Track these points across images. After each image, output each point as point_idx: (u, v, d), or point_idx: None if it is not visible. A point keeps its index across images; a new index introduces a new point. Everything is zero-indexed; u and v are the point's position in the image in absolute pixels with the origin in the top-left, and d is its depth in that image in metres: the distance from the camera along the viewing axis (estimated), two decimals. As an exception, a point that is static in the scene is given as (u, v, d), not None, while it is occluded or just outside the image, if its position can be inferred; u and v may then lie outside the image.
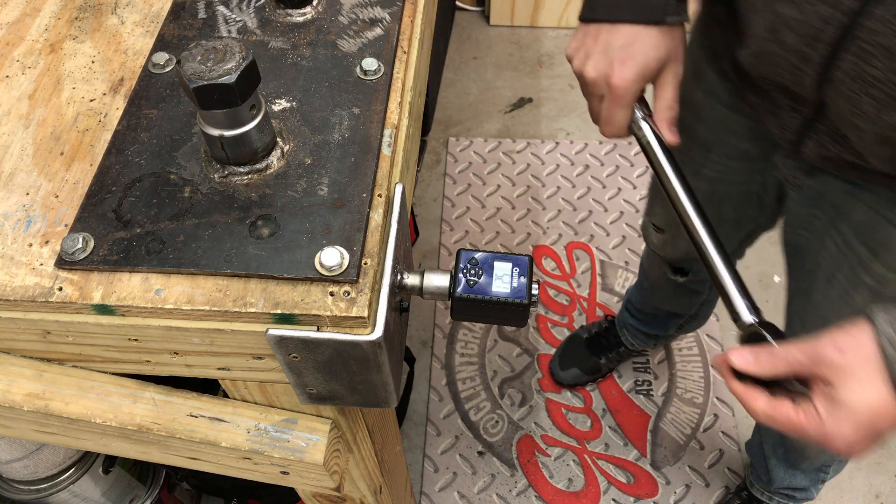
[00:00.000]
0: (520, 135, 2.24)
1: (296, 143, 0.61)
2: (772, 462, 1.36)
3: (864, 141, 0.69)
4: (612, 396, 1.72)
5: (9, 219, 0.57)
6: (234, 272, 0.53)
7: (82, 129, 0.64)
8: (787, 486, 1.38)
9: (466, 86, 2.39)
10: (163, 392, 0.63)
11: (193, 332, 0.54)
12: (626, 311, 1.61)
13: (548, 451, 1.64)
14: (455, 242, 1.98)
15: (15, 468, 0.97)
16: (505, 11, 2.53)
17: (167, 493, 1.29)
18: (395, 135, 0.63)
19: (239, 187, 0.58)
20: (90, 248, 0.54)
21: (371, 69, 0.66)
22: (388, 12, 0.71)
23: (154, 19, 0.73)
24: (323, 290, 0.53)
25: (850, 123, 0.68)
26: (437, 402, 1.71)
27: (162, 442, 0.64)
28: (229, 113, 0.53)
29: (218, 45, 0.52)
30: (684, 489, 1.59)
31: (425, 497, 1.58)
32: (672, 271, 1.29)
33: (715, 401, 1.70)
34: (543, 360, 1.77)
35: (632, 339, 1.63)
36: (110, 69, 0.68)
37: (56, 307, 0.53)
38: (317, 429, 0.65)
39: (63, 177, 0.60)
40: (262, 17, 0.71)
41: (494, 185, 2.10)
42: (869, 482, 1.60)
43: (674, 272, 1.29)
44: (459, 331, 1.82)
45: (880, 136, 0.67)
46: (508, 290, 0.58)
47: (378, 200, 0.58)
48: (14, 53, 0.70)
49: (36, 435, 0.66)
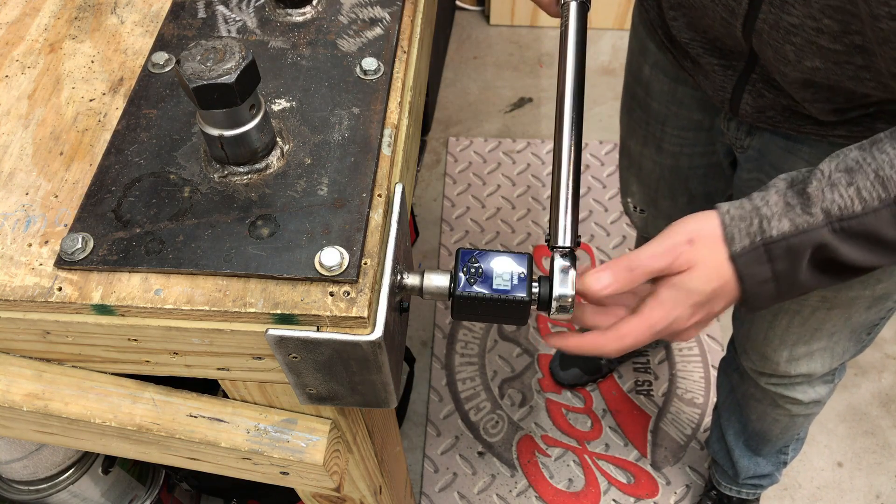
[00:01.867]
0: (520, 135, 2.24)
1: (296, 142, 0.61)
2: (735, 453, 1.36)
3: (792, 86, 0.71)
4: (613, 397, 1.72)
5: (8, 219, 0.57)
6: (233, 272, 0.53)
7: (82, 128, 0.64)
8: (753, 474, 1.39)
9: (466, 85, 2.39)
10: (162, 392, 0.63)
11: (193, 332, 0.54)
12: (626, 311, 1.61)
13: (548, 452, 1.64)
14: (455, 242, 1.98)
15: (15, 468, 0.97)
16: (505, 11, 2.53)
17: (167, 493, 1.29)
18: (395, 135, 0.63)
19: (239, 187, 0.58)
20: (90, 248, 0.54)
21: (371, 69, 0.66)
22: (387, 12, 0.71)
23: (154, 19, 0.73)
24: (323, 291, 0.53)
25: (777, 70, 0.70)
26: (437, 402, 1.71)
27: (161, 442, 0.64)
28: (229, 113, 0.53)
29: (218, 44, 0.51)
30: (684, 489, 1.59)
31: (425, 497, 1.58)
32: None
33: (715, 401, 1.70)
34: (543, 360, 1.77)
35: None
36: (110, 69, 0.68)
37: (55, 307, 0.53)
38: (317, 429, 0.65)
39: (62, 177, 0.60)
40: (262, 16, 0.71)
41: (494, 185, 2.10)
42: (869, 482, 1.60)
43: None
44: (459, 331, 1.82)
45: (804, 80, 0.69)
46: (509, 288, 0.58)
47: (378, 200, 0.58)
48: (13, 53, 0.70)
49: (35, 435, 0.66)
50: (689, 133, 0.99)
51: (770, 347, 1.02)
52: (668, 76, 0.94)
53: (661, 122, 1.01)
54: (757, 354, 1.06)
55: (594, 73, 2.42)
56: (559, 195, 0.62)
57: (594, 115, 2.29)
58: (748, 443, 1.33)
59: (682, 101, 0.95)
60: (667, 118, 0.99)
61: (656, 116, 1.01)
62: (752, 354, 1.07)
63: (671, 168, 1.07)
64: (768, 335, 1.00)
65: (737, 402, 1.28)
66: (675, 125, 0.99)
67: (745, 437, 1.32)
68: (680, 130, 1.00)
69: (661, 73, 0.94)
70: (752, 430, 1.28)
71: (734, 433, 1.34)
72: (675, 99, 0.96)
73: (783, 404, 1.14)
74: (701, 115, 0.95)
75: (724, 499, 1.49)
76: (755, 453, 1.34)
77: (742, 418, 1.29)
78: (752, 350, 1.06)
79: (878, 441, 1.66)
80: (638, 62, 0.99)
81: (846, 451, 1.64)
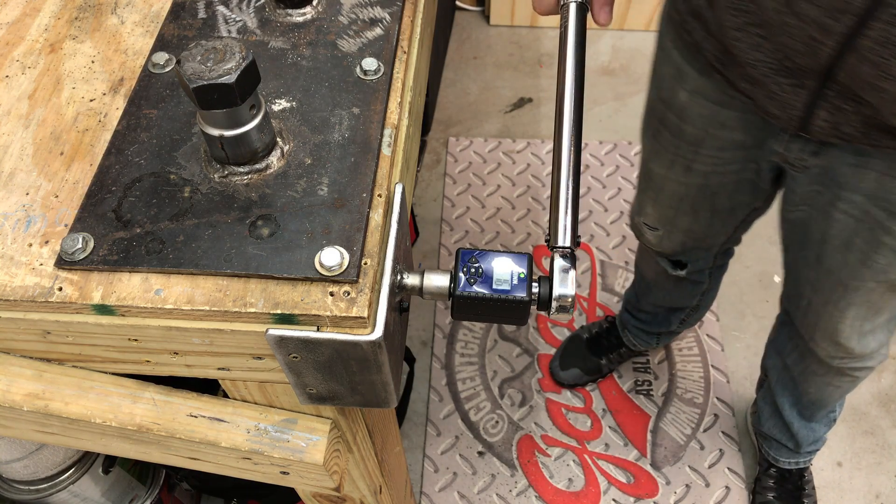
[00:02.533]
0: (520, 135, 2.24)
1: (296, 143, 0.61)
2: (795, 426, 1.40)
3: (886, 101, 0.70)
4: (613, 396, 1.72)
5: (9, 219, 0.57)
6: (233, 272, 0.53)
7: (82, 129, 0.64)
8: (812, 440, 1.43)
9: (466, 86, 2.39)
10: (163, 392, 0.63)
11: (193, 332, 0.54)
12: (627, 312, 1.61)
13: (548, 451, 1.64)
14: (455, 242, 1.98)
15: (15, 468, 0.97)
16: (505, 11, 2.53)
17: (167, 493, 1.29)
18: (395, 135, 0.63)
19: (239, 187, 0.58)
20: (90, 248, 0.54)
21: (371, 69, 0.66)
22: (388, 12, 0.71)
23: (154, 19, 0.73)
24: (323, 290, 0.53)
25: (872, 87, 0.69)
26: (437, 402, 1.71)
27: (162, 442, 0.64)
28: (229, 113, 0.53)
29: (218, 44, 0.52)
30: (684, 489, 1.59)
31: (425, 497, 1.58)
32: (672, 266, 1.30)
33: (715, 401, 1.70)
34: (543, 360, 1.77)
35: (634, 339, 1.63)
36: (110, 69, 0.68)
37: (56, 307, 0.53)
38: (317, 429, 0.65)
39: (63, 177, 0.60)
40: (262, 17, 0.71)
41: (494, 185, 2.10)
42: (869, 482, 1.60)
43: (673, 267, 1.30)
44: (459, 331, 1.82)
45: None
46: (509, 288, 0.58)
47: (378, 200, 0.58)
48: (14, 53, 0.70)
49: (36, 435, 0.66)
50: (727, 153, 0.97)
51: (843, 337, 1.05)
52: (710, 100, 0.91)
53: (696, 145, 0.98)
54: (829, 343, 1.09)
55: (594, 73, 2.42)
56: (559, 195, 0.62)
57: (594, 115, 2.30)
58: (802, 413, 1.36)
59: (725, 123, 0.92)
60: (702, 141, 0.97)
61: (690, 140, 0.98)
62: (824, 343, 1.10)
63: (699, 187, 1.05)
64: (840, 328, 1.03)
65: (791, 378, 1.31)
66: (711, 146, 0.97)
67: (798, 407, 1.36)
68: (716, 151, 0.97)
69: (702, 97, 0.91)
70: (808, 400, 1.32)
71: (789, 406, 1.38)
72: (715, 122, 0.93)
73: (851, 373, 1.17)
74: (743, 136, 0.93)
75: (786, 474, 1.52)
76: (809, 420, 1.38)
77: (797, 392, 1.32)
78: (823, 340, 1.09)
79: (878, 441, 1.66)
80: (671, 88, 0.95)
81: (846, 450, 1.64)
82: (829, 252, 0.94)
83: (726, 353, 1.78)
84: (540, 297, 0.58)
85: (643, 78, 2.40)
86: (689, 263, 1.29)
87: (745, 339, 1.80)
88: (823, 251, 0.94)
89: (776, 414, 1.42)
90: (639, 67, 2.43)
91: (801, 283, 1.06)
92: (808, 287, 1.03)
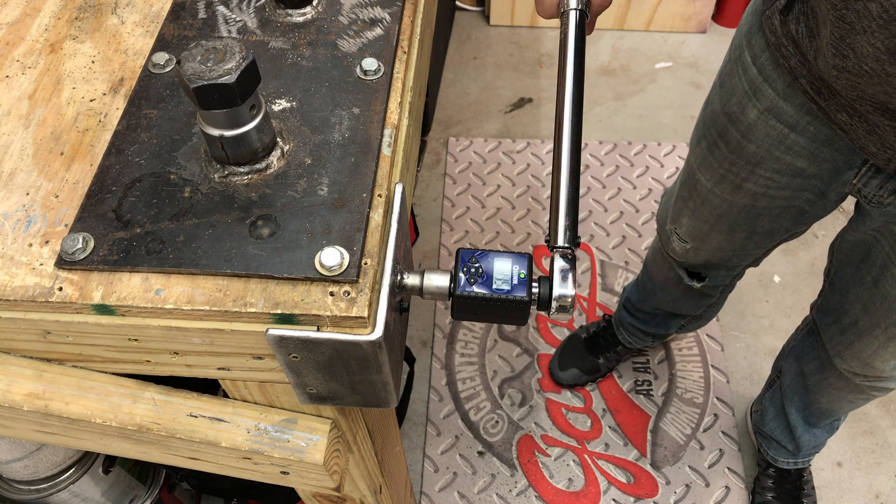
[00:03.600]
0: (520, 135, 2.25)
1: (296, 143, 0.61)
2: (798, 431, 1.41)
3: None
4: (613, 396, 1.72)
5: (9, 219, 0.58)
6: (234, 272, 0.53)
7: (82, 129, 0.64)
8: (812, 445, 1.44)
9: (466, 86, 2.39)
10: (163, 392, 0.63)
11: (193, 332, 0.54)
12: (625, 309, 1.61)
13: (548, 451, 1.64)
14: (455, 242, 1.98)
15: (15, 468, 0.97)
16: (505, 11, 2.53)
17: (167, 493, 1.29)
18: (395, 135, 0.63)
19: (239, 187, 0.58)
20: (90, 248, 0.54)
21: (371, 69, 0.66)
22: (388, 12, 0.71)
23: (154, 19, 0.73)
24: (323, 290, 0.53)
25: None
26: (437, 402, 1.71)
27: (162, 442, 0.64)
28: (229, 113, 0.53)
29: (218, 45, 0.52)
30: (684, 489, 1.59)
31: (425, 497, 1.58)
32: (689, 277, 1.29)
33: (715, 401, 1.70)
34: (543, 360, 1.77)
35: (629, 337, 1.63)
36: (110, 69, 0.68)
37: (56, 307, 0.53)
38: (317, 429, 0.65)
39: (63, 177, 0.60)
40: (262, 17, 0.71)
41: (494, 185, 2.10)
42: (869, 482, 1.60)
43: (690, 277, 1.29)
44: (459, 331, 1.82)
45: None
46: (509, 288, 0.58)
47: (378, 200, 0.58)
48: (14, 53, 0.70)
49: (36, 435, 0.66)
50: (784, 178, 0.94)
51: (879, 360, 1.05)
52: (783, 122, 0.87)
53: (753, 164, 0.95)
54: (859, 363, 1.08)
55: (594, 73, 2.42)
56: (559, 195, 0.62)
57: (594, 115, 2.30)
58: (808, 419, 1.37)
59: (792, 147, 0.89)
60: (762, 161, 0.93)
61: (749, 158, 0.95)
62: (854, 363, 1.09)
63: (743, 207, 1.02)
64: (879, 352, 1.03)
65: (804, 385, 1.31)
66: (769, 168, 0.94)
67: (805, 413, 1.36)
68: (773, 174, 0.94)
69: (775, 118, 0.88)
70: (817, 409, 1.32)
71: (795, 411, 1.38)
72: (782, 145, 0.90)
73: (870, 391, 1.16)
74: (807, 164, 0.90)
75: (785, 474, 1.53)
76: (813, 426, 1.39)
77: (807, 398, 1.33)
78: (855, 359, 1.09)
79: (878, 441, 1.66)
80: (741, 103, 0.92)
81: (845, 450, 1.64)
82: (888, 279, 0.93)
83: (726, 353, 1.78)
84: (540, 297, 0.58)
85: (643, 78, 2.40)
86: (707, 278, 1.27)
87: (744, 339, 1.80)
88: (883, 276, 0.94)
89: (780, 416, 1.43)
90: (638, 67, 2.43)
91: (849, 300, 1.04)
92: (859, 306, 1.02)
